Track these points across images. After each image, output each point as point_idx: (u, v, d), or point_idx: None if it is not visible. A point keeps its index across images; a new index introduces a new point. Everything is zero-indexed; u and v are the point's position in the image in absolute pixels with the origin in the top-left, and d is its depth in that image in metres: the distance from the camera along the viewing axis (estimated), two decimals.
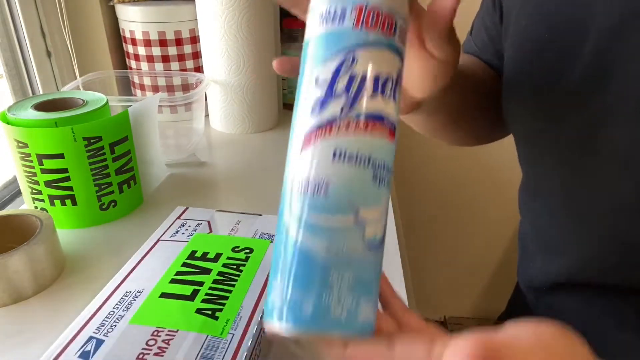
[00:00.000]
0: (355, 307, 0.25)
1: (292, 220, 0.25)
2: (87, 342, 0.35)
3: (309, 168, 0.25)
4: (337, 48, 0.25)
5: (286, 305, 0.25)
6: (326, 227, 0.25)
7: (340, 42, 0.25)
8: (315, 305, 0.24)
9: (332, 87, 0.25)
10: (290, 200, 0.26)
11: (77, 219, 0.57)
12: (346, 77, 0.25)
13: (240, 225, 0.50)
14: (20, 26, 0.73)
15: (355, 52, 0.25)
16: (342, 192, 0.25)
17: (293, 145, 0.27)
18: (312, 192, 0.25)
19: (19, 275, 0.46)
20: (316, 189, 0.25)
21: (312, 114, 0.26)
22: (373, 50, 0.25)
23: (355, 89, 0.25)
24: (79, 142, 0.53)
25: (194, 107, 0.78)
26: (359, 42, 0.25)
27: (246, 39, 0.77)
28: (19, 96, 0.76)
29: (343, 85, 0.25)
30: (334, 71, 0.25)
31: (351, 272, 0.25)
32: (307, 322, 0.24)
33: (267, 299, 0.26)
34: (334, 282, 0.24)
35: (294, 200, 0.25)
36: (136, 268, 0.44)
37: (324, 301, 0.24)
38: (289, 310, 0.25)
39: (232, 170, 0.73)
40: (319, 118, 0.25)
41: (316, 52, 0.26)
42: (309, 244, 0.24)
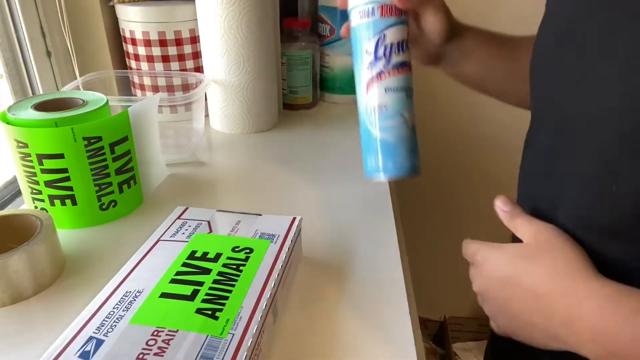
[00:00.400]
0: (413, 160, 0.47)
1: (371, 126, 0.47)
2: (87, 342, 0.35)
3: (374, 99, 0.46)
4: (374, 31, 0.46)
5: (381, 166, 0.47)
6: (390, 126, 0.46)
7: (375, 27, 0.46)
8: (395, 163, 0.46)
9: (376, 54, 0.46)
10: (368, 116, 0.47)
11: (77, 219, 0.57)
12: (382, 47, 0.46)
13: (240, 225, 0.50)
14: (20, 26, 0.73)
15: (384, 32, 0.46)
16: (394, 107, 0.46)
17: (361, 90, 0.47)
18: (379, 110, 0.46)
19: (19, 275, 0.46)
20: (380, 108, 0.46)
21: (368, 70, 0.47)
22: (393, 28, 0.47)
23: (389, 53, 0.46)
24: (79, 142, 0.53)
25: (194, 107, 0.78)
26: (385, 25, 0.46)
27: (246, 39, 0.77)
28: (19, 96, 0.76)
29: (381, 52, 0.46)
30: (375, 45, 0.46)
31: (407, 143, 0.46)
32: (392, 172, 0.46)
33: (366, 165, 0.48)
34: (401, 150, 0.46)
35: (370, 116, 0.47)
36: (136, 268, 0.44)
37: (399, 160, 0.46)
38: (383, 169, 0.47)
39: (232, 170, 0.73)
40: (372, 72, 0.46)
41: (362, 34, 0.47)
42: (383, 135, 0.46)
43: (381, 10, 0.46)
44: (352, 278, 0.50)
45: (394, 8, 0.46)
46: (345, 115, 0.93)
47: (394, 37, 0.46)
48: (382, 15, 0.46)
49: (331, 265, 0.52)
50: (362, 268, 0.52)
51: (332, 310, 0.46)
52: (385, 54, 0.46)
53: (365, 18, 0.47)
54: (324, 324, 0.44)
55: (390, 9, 0.46)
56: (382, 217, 0.60)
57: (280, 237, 0.48)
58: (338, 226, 0.59)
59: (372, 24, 0.46)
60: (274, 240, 0.48)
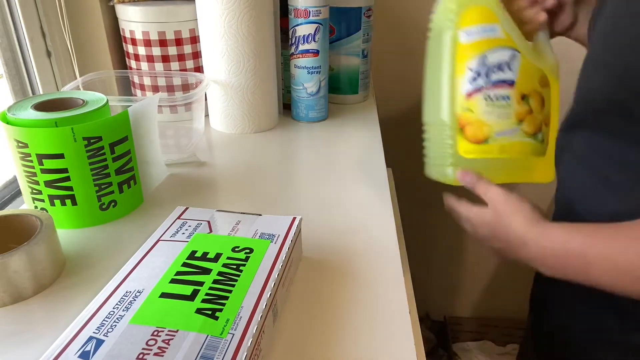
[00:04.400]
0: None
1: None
2: (87, 342, 0.35)
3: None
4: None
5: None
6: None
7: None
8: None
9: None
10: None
11: (77, 219, 0.57)
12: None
13: (240, 225, 0.50)
14: (20, 26, 0.73)
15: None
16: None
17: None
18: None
19: (19, 275, 0.46)
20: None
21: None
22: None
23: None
24: (79, 142, 0.53)
25: (194, 107, 0.78)
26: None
27: (246, 39, 0.77)
28: (19, 96, 0.76)
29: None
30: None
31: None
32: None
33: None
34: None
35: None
36: (136, 268, 0.44)
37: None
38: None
39: (232, 170, 0.73)
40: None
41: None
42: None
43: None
44: (352, 278, 0.50)
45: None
46: (345, 114, 0.93)
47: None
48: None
49: (331, 265, 0.52)
50: (362, 268, 0.52)
51: (332, 310, 0.46)
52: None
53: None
54: (324, 324, 0.44)
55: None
56: (382, 217, 0.60)
57: (280, 237, 0.48)
58: (338, 226, 0.59)
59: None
60: (274, 240, 0.48)
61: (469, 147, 0.59)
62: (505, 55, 0.57)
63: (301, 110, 0.89)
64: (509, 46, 0.57)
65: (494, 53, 0.56)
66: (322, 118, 0.90)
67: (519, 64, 0.57)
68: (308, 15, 0.81)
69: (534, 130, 0.59)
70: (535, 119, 0.59)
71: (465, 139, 0.58)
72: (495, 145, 0.58)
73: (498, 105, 0.57)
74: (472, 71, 0.57)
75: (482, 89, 0.56)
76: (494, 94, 0.57)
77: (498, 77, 0.57)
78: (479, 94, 0.57)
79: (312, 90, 0.86)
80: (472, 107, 0.57)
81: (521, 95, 0.57)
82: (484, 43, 0.56)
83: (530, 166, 0.60)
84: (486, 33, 0.56)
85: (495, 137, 0.58)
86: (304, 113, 0.89)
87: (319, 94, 0.87)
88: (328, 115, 0.92)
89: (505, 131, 0.58)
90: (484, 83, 0.56)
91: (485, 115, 0.57)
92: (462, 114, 0.58)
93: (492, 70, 0.56)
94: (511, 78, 0.57)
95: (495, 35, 0.56)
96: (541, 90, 0.59)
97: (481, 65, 0.56)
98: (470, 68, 0.57)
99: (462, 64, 0.57)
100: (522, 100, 0.58)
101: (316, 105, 0.88)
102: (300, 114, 0.90)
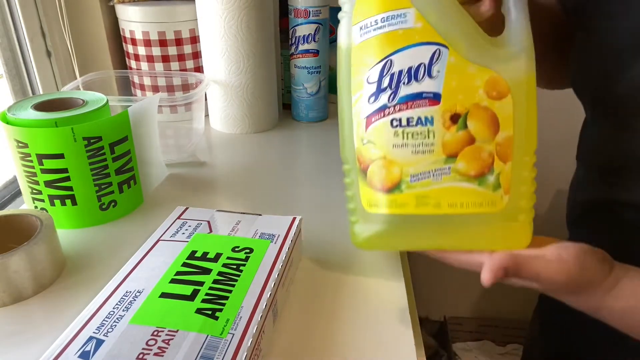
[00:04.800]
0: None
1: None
2: (87, 342, 0.35)
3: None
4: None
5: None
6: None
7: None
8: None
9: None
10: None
11: (77, 219, 0.57)
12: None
13: (240, 225, 0.50)
14: (20, 26, 0.73)
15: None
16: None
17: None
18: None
19: (19, 275, 0.46)
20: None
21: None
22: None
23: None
24: (79, 142, 0.53)
25: (194, 107, 0.78)
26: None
27: (246, 39, 0.77)
28: (19, 96, 0.76)
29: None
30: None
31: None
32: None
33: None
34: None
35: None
36: (136, 268, 0.44)
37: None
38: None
39: (232, 170, 0.73)
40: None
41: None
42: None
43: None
44: (352, 278, 0.50)
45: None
46: None
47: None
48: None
49: (331, 265, 0.52)
50: (362, 268, 0.52)
51: (332, 310, 0.46)
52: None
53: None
54: (324, 323, 0.44)
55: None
56: None
57: (280, 237, 0.48)
58: (338, 226, 0.59)
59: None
60: (274, 240, 0.48)
61: (374, 198, 0.41)
62: (421, 55, 0.38)
63: (301, 110, 0.89)
64: (428, 40, 0.38)
65: (404, 54, 0.38)
66: (322, 118, 0.90)
67: (446, 66, 0.38)
68: (308, 15, 0.81)
69: (477, 169, 0.39)
70: (478, 152, 0.39)
71: (368, 186, 0.41)
72: (410, 194, 0.40)
73: (412, 132, 0.39)
74: (371, 84, 0.39)
75: (386, 109, 0.39)
76: (405, 116, 0.38)
77: (411, 90, 0.38)
78: (383, 119, 0.39)
79: (312, 90, 0.87)
80: (374, 138, 0.40)
81: (451, 116, 0.38)
82: (387, 40, 0.38)
83: (483, 225, 0.40)
84: (391, 25, 0.38)
85: (411, 182, 0.40)
86: (304, 113, 0.89)
87: (319, 94, 0.87)
88: (328, 115, 0.92)
89: (425, 173, 0.39)
90: (389, 101, 0.39)
91: (392, 149, 0.39)
92: (361, 149, 0.41)
93: (401, 80, 0.38)
94: (433, 90, 0.38)
95: (406, 25, 0.37)
96: (490, 104, 0.38)
97: (384, 75, 0.38)
98: (368, 80, 0.39)
99: (358, 76, 0.40)
100: (453, 123, 0.38)
101: (316, 105, 0.88)
102: (300, 114, 0.90)
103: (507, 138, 0.39)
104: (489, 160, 0.39)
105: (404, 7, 0.37)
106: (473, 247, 0.40)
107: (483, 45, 0.38)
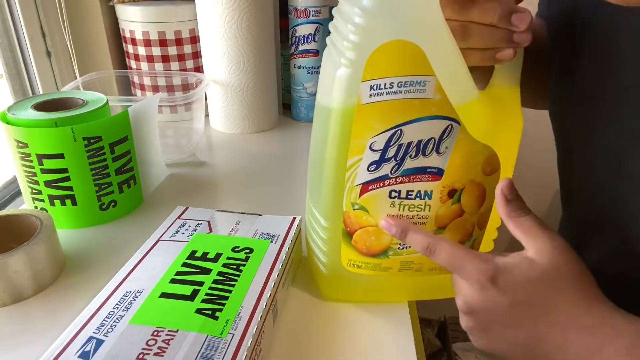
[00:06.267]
0: None
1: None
2: (87, 342, 0.35)
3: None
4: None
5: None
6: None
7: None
8: None
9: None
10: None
11: (77, 219, 0.57)
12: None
13: (240, 225, 0.50)
14: (20, 26, 0.73)
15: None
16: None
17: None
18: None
19: (19, 275, 0.46)
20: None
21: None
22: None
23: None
24: (79, 142, 0.53)
25: (194, 107, 0.78)
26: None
27: (246, 39, 0.77)
28: (19, 96, 0.76)
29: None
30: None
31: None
32: None
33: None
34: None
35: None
36: (136, 268, 0.44)
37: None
38: None
39: (232, 170, 0.73)
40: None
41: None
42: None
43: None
44: None
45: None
46: None
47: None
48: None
49: None
50: None
51: (332, 310, 0.46)
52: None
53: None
54: (324, 324, 0.44)
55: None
56: None
57: (280, 237, 0.48)
58: None
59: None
60: (274, 240, 0.48)
61: (357, 259, 0.42)
62: (434, 129, 0.36)
63: (301, 110, 0.89)
64: (444, 114, 0.35)
65: (416, 126, 0.35)
66: None
67: (455, 143, 0.36)
68: (308, 15, 0.81)
69: (459, 238, 0.41)
70: (464, 224, 0.40)
71: (352, 248, 0.41)
72: (396, 259, 0.41)
73: (409, 205, 0.38)
74: (375, 152, 0.36)
75: (387, 180, 0.37)
76: (405, 189, 0.37)
77: (416, 164, 0.37)
78: (382, 189, 0.38)
79: (312, 90, 0.86)
80: (368, 206, 0.39)
81: (449, 191, 0.38)
82: (402, 108, 0.35)
83: (447, 279, 0.40)
84: (408, 92, 0.34)
85: (399, 249, 0.40)
86: (304, 113, 0.89)
87: None
88: None
89: None
90: (391, 172, 0.37)
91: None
92: (351, 214, 0.40)
93: (408, 153, 0.36)
94: (438, 166, 0.37)
95: (424, 94, 0.34)
96: (483, 179, 0.38)
97: (391, 144, 0.36)
98: (372, 147, 0.36)
99: (359, 138, 0.36)
100: (449, 198, 0.38)
101: None
102: (300, 114, 0.90)
103: (488, 209, 0.40)
104: (471, 229, 0.41)
105: (425, 75, 0.33)
106: (443, 296, 0.44)
107: (486, 123, 0.36)
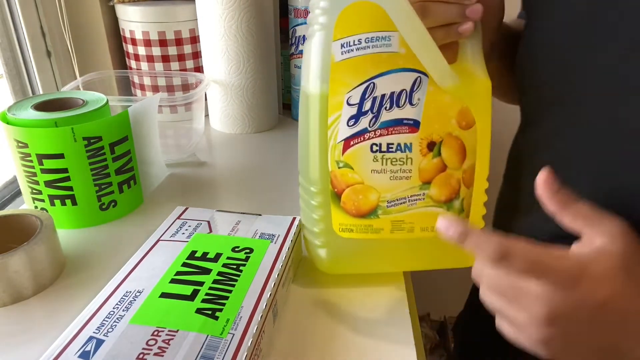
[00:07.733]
0: None
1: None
2: (87, 342, 0.35)
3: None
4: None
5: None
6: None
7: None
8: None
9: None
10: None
11: (77, 219, 0.57)
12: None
13: (240, 225, 0.50)
14: (20, 26, 0.73)
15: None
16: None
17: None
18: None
19: (19, 275, 0.46)
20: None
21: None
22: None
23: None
24: (79, 142, 0.53)
25: (194, 107, 0.78)
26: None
27: (246, 39, 0.77)
28: (19, 96, 0.76)
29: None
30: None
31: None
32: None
33: None
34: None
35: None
36: (136, 268, 0.44)
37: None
38: None
39: (232, 170, 0.73)
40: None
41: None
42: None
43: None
44: (352, 277, 0.50)
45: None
46: None
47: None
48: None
49: None
50: None
51: (331, 310, 0.46)
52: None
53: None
54: (324, 323, 0.44)
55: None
56: None
57: (280, 237, 0.48)
58: None
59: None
60: (274, 240, 0.48)
61: (348, 222, 0.42)
62: (404, 82, 0.38)
63: None
64: (411, 67, 0.38)
65: (387, 78, 0.38)
66: None
67: (426, 95, 0.39)
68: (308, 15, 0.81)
69: (447, 195, 0.42)
70: (449, 179, 0.41)
71: (341, 210, 0.42)
72: (386, 219, 0.42)
73: (391, 159, 0.40)
74: (352, 106, 0.39)
75: (366, 134, 0.39)
76: (385, 141, 0.39)
77: (392, 115, 0.39)
78: (363, 143, 0.39)
79: None
80: (352, 162, 0.40)
81: (428, 144, 0.40)
82: (372, 61, 0.38)
83: (448, 246, 0.35)
84: (375, 47, 0.37)
85: (387, 207, 0.41)
86: None
87: None
88: None
89: (401, 199, 0.41)
90: (369, 125, 0.39)
91: (371, 174, 0.40)
92: (336, 172, 0.41)
93: (383, 105, 0.39)
94: (413, 117, 0.39)
95: (390, 49, 0.37)
96: (460, 133, 0.40)
97: (366, 98, 0.38)
98: (349, 101, 0.39)
99: (337, 94, 0.39)
100: (429, 151, 0.40)
101: None
102: None
103: (471, 166, 0.42)
104: (457, 186, 0.42)
105: (389, 30, 0.37)
106: (438, 266, 0.44)
107: (454, 78, 0.39)
